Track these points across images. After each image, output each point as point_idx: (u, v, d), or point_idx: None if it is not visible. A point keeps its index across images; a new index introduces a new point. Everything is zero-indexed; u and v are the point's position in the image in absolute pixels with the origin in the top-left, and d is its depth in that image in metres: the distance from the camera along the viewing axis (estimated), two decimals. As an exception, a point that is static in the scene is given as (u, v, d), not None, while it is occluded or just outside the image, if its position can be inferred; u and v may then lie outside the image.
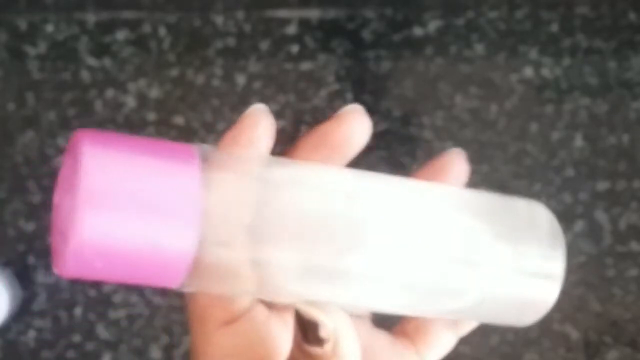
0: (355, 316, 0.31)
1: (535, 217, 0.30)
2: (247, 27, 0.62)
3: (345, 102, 0.62)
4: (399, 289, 0.27)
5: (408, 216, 0.27)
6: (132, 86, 0.62)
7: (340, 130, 0.29)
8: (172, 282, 0.23)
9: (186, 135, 0.61)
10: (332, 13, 0.62)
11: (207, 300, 0.27)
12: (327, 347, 0.27)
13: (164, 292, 0.61)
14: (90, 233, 0.21)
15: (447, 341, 0.31)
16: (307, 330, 0.27)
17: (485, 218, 0.29)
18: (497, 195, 0.30)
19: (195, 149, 0.24)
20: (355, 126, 0.29)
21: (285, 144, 0.65)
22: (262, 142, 0.28)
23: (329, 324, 0.27)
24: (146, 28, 0.62)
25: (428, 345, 0.31)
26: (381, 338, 0.31)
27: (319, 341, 0.27)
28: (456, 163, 0.30)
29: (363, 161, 0.62)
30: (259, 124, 0.29)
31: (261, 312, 0.28)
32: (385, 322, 0.32)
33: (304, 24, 0.62)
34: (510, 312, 0.30)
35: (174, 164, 0.22)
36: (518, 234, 0.29)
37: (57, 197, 0.23)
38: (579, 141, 0.62)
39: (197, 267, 0.23)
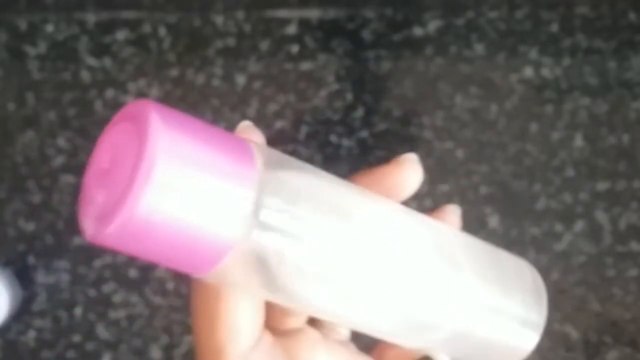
0: (341, 342, 0.31)
1: (521, 269, 0.32)
2: (247, 27, 0.62)
3: (345, 102, 0.62)
4: (382, 315, 0.28)
5: (398, 245, 0.28)
6: (132, 86, 0.62)
7: (396, 175, 0.30)
8: (206, 269, 0.23)
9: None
10: (332, 13, 0.63)
11: (223, 335, 0.27)
12: None
13: (163, 292, 0.61)
14: (146, 208, 0.20)
15: None
16: None
17: (474, 261, 0.30)
18: (488, 245, 0.32)
19: (252, 146, 0.24)
20: (410, 174, 0.31)
21: (286, 144, 0.65)
22: None
23: None
24: (146, 28, 0.62)
25: None
26: None
27: None
28: (452, 218, 0.32)
29: (363, 162, 0.62)
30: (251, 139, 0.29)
31: (266, 341, 0.29)
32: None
33: (304, 24, 0.62)
34: (487, 353, 0.31)
35: (235, 158, 0.22)
36: (503, 280, 0.30)
37: (105, 161, 0.23)
38: (579, 141, 0.62)
39: (233, 260, 0.23)
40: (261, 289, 0.26)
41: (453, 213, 0.32)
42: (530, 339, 0.31)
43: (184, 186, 0.21)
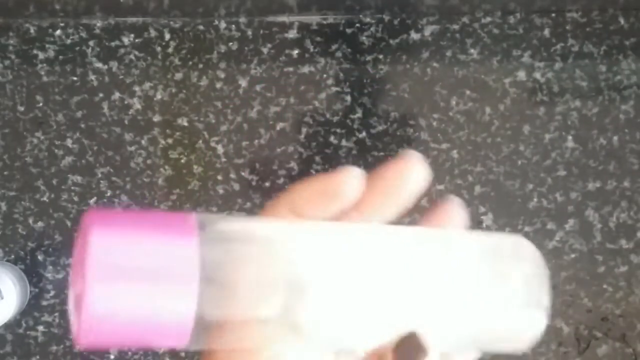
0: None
1: (520, 252, 0.31)
2: (249, 32, 0.62)
3: (344, 104, 0.62)
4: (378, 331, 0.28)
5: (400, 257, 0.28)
6: (137, 89, 0.62)
7: (401, 170, 0.30)
8: (180, 342, 0.24)
9: (190, 136, 0.62)
10: (331, 18, 0.63)
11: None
12: None
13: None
14: (99, 306, 0.22)
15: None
16: (403, 355, 0.25)
17: (475, 256, 0.30)
18: (485, 234, 0.32)
19: (193, 218, 0.25)
20: (413, 169, 0.30)
21: (286, 145, 0.66)
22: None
23: (434, 356, 0.26)
24: (151, 33, 0.62)
25: None
26: None
27: None
28: (455, 211, 0.31)
29: (361, 162, 0.62)
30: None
31: None
32: None
33: (304, 28, 0.62)
34: (505, 341, 0.31)
35: (172, 236, 0.24)
36: (505, 269, 0.30)
37: (73, 275, 0.25)
38: (570, 142, 0.63)
39: (199, 327, 0.24)
40: (253, 342, 0.26)
41: (455, 203, 0.31)
42: (539, 320, 0.31)
43: (129, 280, 0.23)
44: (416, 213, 0.31)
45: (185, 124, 0.62)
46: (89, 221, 0.23)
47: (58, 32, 0.62)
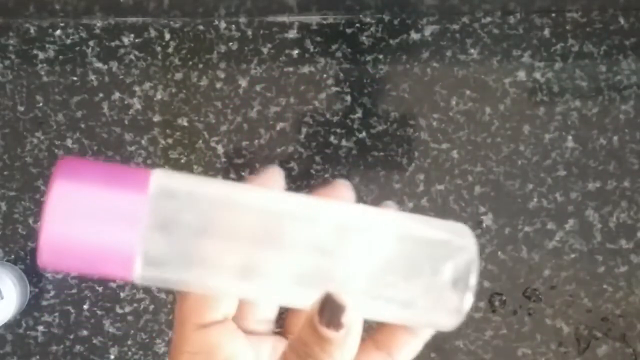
0: (253, 329, 0.35)
1: (457, 237, 0.34)
2: (249, 32, 0.62)
3: (344, 104, 0.62)
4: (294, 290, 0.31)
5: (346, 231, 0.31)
6: (137, 89, 0.62)
7: (332, 195, 0.34)
8: (126, 274, 0.28)
9: (190, 136, 0.62)
10: (331, 18, 0.63)
11: (190, 304, 0.32)
12: (342, 333, 0.28)
13: (169, 289, 0.62)
14: (50, 237, 0.27)
15: (413, 346, 0.35)
16: (325, 314, 0.28)
17: (407, 238, 0.33)
18: (420, 217, 0.34)
19: (150, 173, 0.29)
20: (343, 194, 0.34)
21: (286, 145, 0.66)
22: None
23: (355, 313, 0.28)
24: (151, 33, 0.62)
25: (399, 351, 0.35)
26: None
27: (335, 325, 0.28)
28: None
29: (361, 162, 0.63)
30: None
31: (230, 325, 0.32)
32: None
33: (304, 28, 0.62)
34: (429, 316, 0.33)
35: (124, 183, 0.28)
36: (437, 250, 0.33)
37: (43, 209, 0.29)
38: (570, 142, 0.63)
39: (146, 265, 0.28)
40: (183, 283, 0.30)
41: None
42: (465, 301, 0.33)
43: (80, 213, 0.27)
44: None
45: (185, 124, 0.62)
46: (58, 166, 0.28)
47: (58, 32, 0.62)
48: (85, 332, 0.61)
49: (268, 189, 0.33)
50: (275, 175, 0.34)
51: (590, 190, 0.62)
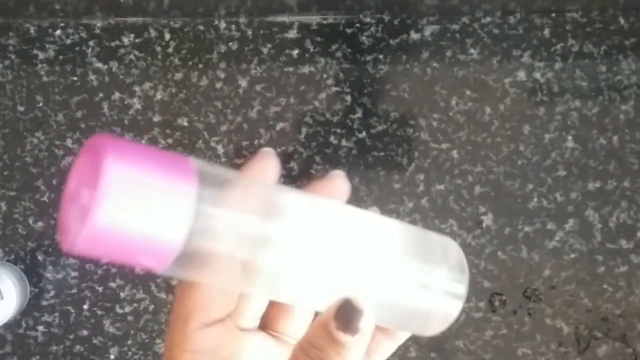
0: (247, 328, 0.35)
1: (447, 247, 0.35)
2: (249, 32, 0.62)
3: (344, 104, 0.62)
4: (312, 290, 0.31)
5: (333, 230, 0.32)
6: (137, 89, 0.62)
7: (327, 187, 0.34)
8: (159, 266, 0.27)
9: (190, 136, 0.62)
10: (331, 18, 0.63)
11: (193, 303, 0.32)
12: (356, 338, 0.28)
13: (169, 288, 0.62)
14: (103, 220, 0.25)
15: (388, 347, 0.36)
16: (342, 319, 0.28)
17: (400, 241, 0.33)
18: (416, 227, 0.35)
19: (192, 162, 0.28)
20: (338, 186, 0.35)
21: (286, 145, 0.66)
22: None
23: (370, 318, 0.29)
24: (151, 33, 0.62)
25: (374, 351, 0.36)
26: None
27: (352, 331, 0.28)
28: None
29: (361, 162, 0.63)
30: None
31: (230, 324, 0.33)
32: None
33: (304, 28, 0.62)
34: (415, 321, 0.34)
35: (174, 173, 0.27)
36: (429, 256, 0.34)
37: (73, 186, 0.28)
38: (570, 142, 0.63)
39: (182, 256, 0.27)
40: (212, 279, 0.30)
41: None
42: (454, 308, 0.34)
43: (132, 201, 0.26)
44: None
45: (185, 124, 0.62)
46: (105, 146, 0.26)
47: (58, 32, 0.62)
48: (85, 332, 0.62)
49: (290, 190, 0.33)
50: (269, 163, 0.34)
51: (590, 190, 0.62)
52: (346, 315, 0.28)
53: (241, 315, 0.34)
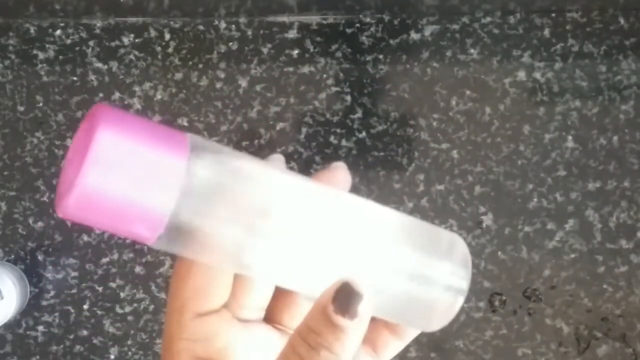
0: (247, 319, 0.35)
1: (453, 243, 0.35)
2: (249, 32, 0.62)
3: (344, 104, 0.62)
4: (315, 276, 0.31)
5: (333, 217, 0.32)
6: (137, 89, 0.62)
7: (329, 178, 0.35)
8: (152, 232, 0.28)
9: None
10: (331, 18, 0.63)
11: (188, 294, 0.32)
12: (355, 322, 0.28)
13: (168, 288, 0.62)
14: (90, 183, 0.26)
15: (396, 346, 0.36)
16: (341, 302, 0.28)
17: (405, 232, 0.33)
18: (423, 222, 0.35)
19: (187, 137, 0.28)
20: (340, 177, 0.35)
21: (286, 145, 0.66)
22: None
23: (369, 302, 0.28)
24: (151, 33, 0.62)
25: (382, 349, 0.36)
26: None
27: (351, 314, 0.28)
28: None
29: (361, 162, 0.63)
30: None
31: (226, 314, 0.33)
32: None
33: (304, 28, 0.63)
34: (417, 314, 0.34)
35: (166, 144, 0.27)
36: (434, 249, 0.34)
37: (71, 153, 0.28)
38: (570, 142, 0.63)
39: (170, 228, 0.28)
40: (204, 256, 0.30)
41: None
42: (456, 301, 0.34)
43: (121, 168, 0.26)
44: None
45: (186, 124, 0.62)
46: (99, 114, 0.27)
47: (58, 32, 0.62)
48: (85, 332, 0.62)
49: (289, 172, 0.33)
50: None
51: (590, 190, 0.62)
52: (345, 298, 0.28)
53: (241, 306, 0.34)
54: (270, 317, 0.36)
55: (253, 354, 0.34)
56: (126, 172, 0.26)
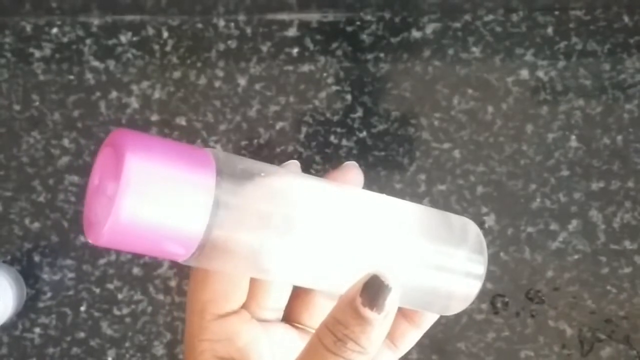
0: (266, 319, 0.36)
1: (466, 228, 0.36)
2: (248, 30, 0.62)
3: (345, 103, 0.62)
4: (336, 272, 0.33)
5: (352, 213, 0.33)
6: (135, 88, 0.62)
7: (342, 178, 0.36)
8: (183, 253, 0.29)
9: (188, 135, 0.62)
10: (331, 16, 0.63)
11: (207, 297, 0.33)
12: (382, 315, 0.28)
13: (167, 289, 0.61)
14: (126, 212, 0.27)
15: (414, 336, 0.38)
16: (369, 295, 0.29)
17: (420, 223, 0.35)
18: (436, 210, 0.37)
19: (211, 154, 0.30)
20: (352, 176, 0.36)
21: (286, 144, 0.66)
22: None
23: (397, 294, 0.29)
24: (149, 31, 0.62)
25: (400, 340, 0.37)
26: None
27: (378, 307, 0.28)
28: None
29: (361, 161, 0.62)
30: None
31: (245, 315, 0.34)
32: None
33: (304, 26, 0.62)
34: (436, 301, 0.35)
35: (193, 163, 0.28)
36: (449, 236, 0.35)
37: (97, 179, 0.29)
38: (573, 142, 0.63)
39: (203, 245, 0.29)
40: (229, 265, 0.31)
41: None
42: (473, 288, 0.35)
43: (154, 193, 0.27)
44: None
45: (184, 123, 0.62)
46: (125, 141, 0.27)
47: (54, 30, 0.62)
48: (82, 334, 0.61)
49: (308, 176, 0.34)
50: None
51: (593, 191, 0.62)
52: (373, 291, 0.28)
53: (260, 307, 0.35)
54: (289, 317, 0.37)
55: (274, 352, 0.35)
56: (159, 196, 0.27)
